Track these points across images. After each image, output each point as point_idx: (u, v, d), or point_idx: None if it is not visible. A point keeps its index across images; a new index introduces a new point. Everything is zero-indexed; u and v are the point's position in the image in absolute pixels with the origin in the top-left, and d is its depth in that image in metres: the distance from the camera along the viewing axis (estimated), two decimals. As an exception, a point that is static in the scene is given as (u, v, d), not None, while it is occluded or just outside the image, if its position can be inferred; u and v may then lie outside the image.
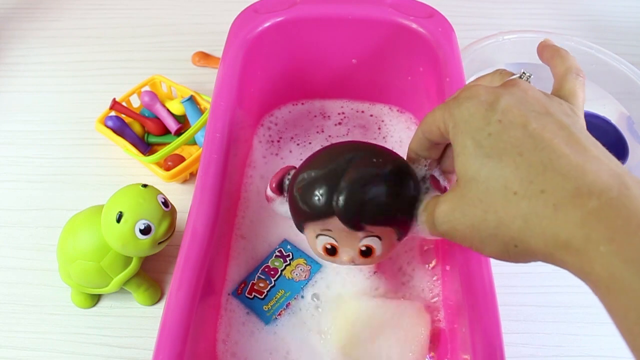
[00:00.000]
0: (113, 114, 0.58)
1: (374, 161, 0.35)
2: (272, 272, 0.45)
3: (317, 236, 0.37)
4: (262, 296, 0.44)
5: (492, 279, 0.35)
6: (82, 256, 0.44)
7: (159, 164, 0.54)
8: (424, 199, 0.35)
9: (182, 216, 0.44)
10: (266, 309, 0.44)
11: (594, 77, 0.61)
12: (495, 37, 0.61)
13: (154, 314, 0.48)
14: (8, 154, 0.60)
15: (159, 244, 0.43)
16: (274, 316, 0.43)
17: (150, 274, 0.49)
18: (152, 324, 0.46)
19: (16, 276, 0.50)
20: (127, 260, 0.45)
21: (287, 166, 0.40)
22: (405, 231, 0.36)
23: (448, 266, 0.43)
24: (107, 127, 0.56)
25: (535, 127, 0.26)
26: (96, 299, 0.48)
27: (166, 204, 0.44)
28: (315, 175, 0.35)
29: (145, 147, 0.58)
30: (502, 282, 0.36)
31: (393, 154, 0.37)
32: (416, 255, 0.46)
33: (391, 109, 0.57)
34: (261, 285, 0.45)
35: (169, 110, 0.58)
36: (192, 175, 0.56)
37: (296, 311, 0.44)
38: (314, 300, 0.44)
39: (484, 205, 0.27)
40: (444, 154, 0.36)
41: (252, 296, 0.44)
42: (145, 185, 0.43)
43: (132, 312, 0.48)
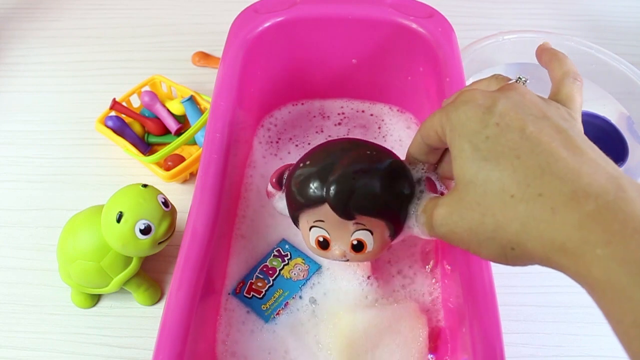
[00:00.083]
0: (113, 114, 0.58)
1: (367, 153, 0.36)
2: (271, 272, 0.45)
3: (310, 228, 0.37)
4: (261, 295, 0.44)
5: (492, 279, 0.35)
6: (82, 256, 0.44)
7: (159, 164, 0.54)
8: (418, 200, 0.35)
9: (182, 216, 0.44)
10: (264, 308, 0.44)
11: (594, 77, 0.61)
12: (495, 37, 0.61)
13: (154, 314, 0.48)
14: (8, 154, 0.60)
15: (159, 244, 0.43)
16: (272, 315, 0.43)
17: (150, 274, 0.49)
18: (152, 324, 0.46)
19: (16, 276, 0.50)
20: (127, 260, 0.45)
21: (287, 164, 0.40)
22: (397, 228, 0.36)
23: (448, 267, 0.43)
24: (107, 127, 0.56)
25: (532, 131, 0.26)
26: (96, 299, 0.48)
27: (166, 204, 0.44)
28: (311, 168, 0.36)
29: (145, 147, 0.58)
30: (502, 282, 0.36)
31: (389, 152, 0.38)
32: (416, 255, 0.46)
33: (391, 108, 0.57)
34: (259, 284, 0.45)
35: (169, 110, 0.58)
36: (192, 175, 0.56)
37: (294, 311, 0.44)
38: (311, 304, 0.44)
39: (481, 209, 0.27)
40: (442, 159, 0.36)
41: (251, 295, 0.44)
42: (145, 185, 0.43)
43: (132, 312, 0.48)
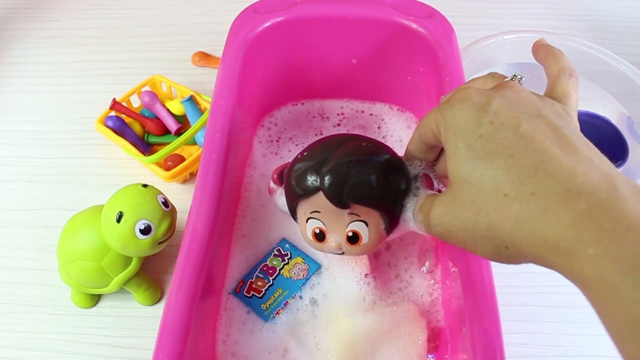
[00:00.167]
0: (113, 114, 0.58)
1: (363, 145, 0.37)
2: (271, 271, 0.45)
3: (307, 220, 0.38)
4: (260, 295, 0.44)
5: (492, 279, 0.35)
6: (82, 256, 0.44)
7: (159, 164, 0.54)
8: (415, 196, 0.36)
9: (182, 216, 0.44)
10: (264, 307, 0.44)
11: (594, 77, 0.61)
12: (495, 37, 0.61)
13: (154, 314, 0.48)
14: (8, 154, 0.60)
15: (159, 244, 0.43)
16: (272, 315, 0.43)
17: (150, 274, 0.49)
18: (152, 324, 0.46)
19: (16, 276, 0.50)
20: (127, 260, 0.45)
21: (289, 161, 0.41)
22: (392, 221, 0.36)
23: (448, 266, 0.43)
24: (107, 127, 0.56)
25: (526, 129, 0.26)
26: (96, 299, 0.48)
27: (166, 204, 0.44)
28: (308, 161, 0.37)
29: (145, 147, 0.58)
30: (502, 282, 0.36)
31: (386, 146, 0.38)
32: (416, 255, 0.46)
33: (391, 108, 0.57)
34: (259, 284, 0.45)
35: (169, 110, 0.58)
36: (192, 175, 0.56)
37: (294, 311, 0.44)
38: (312, 305, 0.44)
39: (475, 208, 0.27)
40: (439, 157, 0.36)
41: (251, 295, 0.44)
42: (145, 185, 0.43)
43: (132, 312, 0.48)
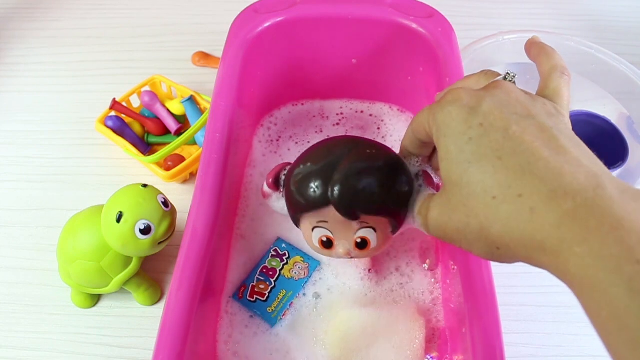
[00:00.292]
0: (113, 114, 0.58)
1: (368, 152, 0.36)
2: (271, 273, 0.45)
3: (313, 229, 0.37)
4: (264, 298, 0.44)
5: (492, 278, 0.35)
6: (82, 256, 0.44)
7: (159, 164, 0.54)
8: (418, 195, 0.35)
9: (182, 216, 0.44)
10: (270, 310, 0.43)
11: (594, 77, 0.61)
12: (495, 37, 0.61)
13: (154, 314, 0.48)
14: (8, 154, 0.60)
15: (159, 244, 0.43)
16: (279, 317, 0.43)
17: (150, 274, 0.49)
18: (152, 324, 0.46)
19: (16, 276, 0.50)
20: (127, 260, 0.45)
21: (283, 163, 0.40)
22: (399, 223, 0.36)
23: (448, 266, 0.43)
24: (107, 127, 0.56)
25: (515, 130, 0.26)
26: (96, 299, 0.48)
27: (166, 204, 0.44)
28: (311, 169, 0.36)
29: (145, 147, 0.58)
30: (502, 282, 0.36)
31: (387, 149, 0.38)
32: (416, 255, 0.46)
33: (391, 108, 0.57)
34: (261, 287, 0.45)
35: (169, 110, 0.58)
36: (192, 175, 0.56)
37: (298, 308, 0.44)
38: (315, 299, 0.44)
39: (467, 210, 0.27)
40: (434, 152, 0.36)
41: (254, 299, 0.44)
42: (145, 185, 0.43)
43: (132, 312, 0.48)
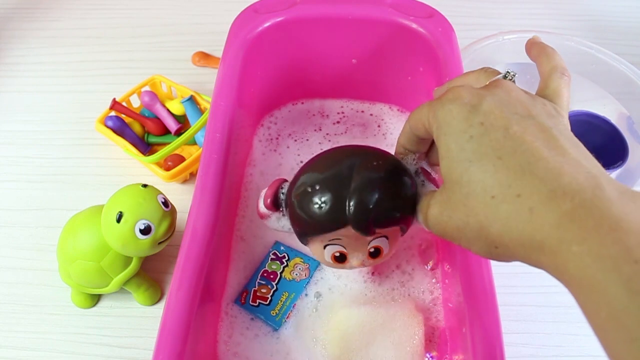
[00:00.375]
0: (113, 114, 0.58)
1: (374, 164, 0.35)
2: (272, 276, 0.45)
3: (325, 247, 0.36)
4: (267, 302, 0.44)
5: (492, 278, 0.35)
6: (82, 256, 0.44)
7: (159, 164, 0.54)
8: (421, 193, 0.35)
9: (182, 216, 0.44)
10: (274, 313, 0.43)
11: (594, 77, 0.61)
12: (495, 37, 0.61)
13: (154, 314, 0.48)
14: (8, 154, 0.60)
15: (159, 244, 0.43)
16: (284, 320, 0.43)
17: (150, 274, 0.49)
18: (152, 324, 0.46)
19: (16, 276, 0.50)
20: (127, 260, 0.45)
21: (279, 179, 0.38)
22: (408, 226, 0.36)
23: (448, 266, 0.43)
24: (107, 127, 0.56)
25: (516, 130, 0.26)
26: (96, 299, 0.48)
27: (166, 204, 0.44)
28: (320, 189, 0.34)
29: (145, 147, 0.58)
30: (502, 282, 0.36)
31: (387, 154, 0.37)
32: (416, 255, 0.46)
33: (391, 108, 0.57)
34: (263, 291, 0.44)
35: (169, 110, 0.58)
36: (192, 175, 0.56)
37: (299, 310, 0.44)
38: (316, 298, 0.44)
39: (466, 209, 0.27)
40: (431, 148, 0.36)
41: (257, 303, 0.44)
42: (145, 185, 0.43)
43: (132, 312, 0.48)
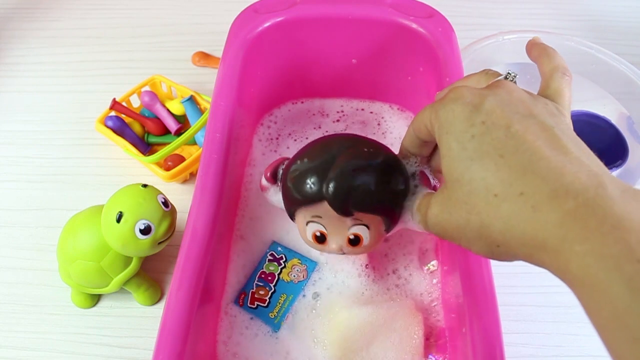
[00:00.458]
0: (113, 114, 0.58)
1: (364, 150, 0.36)
2: (270, 278, 0.45)
3: (307, 223, 0.37)
4: (265, 304, 0.44)
5: (492, 278, 0.35)
6: (82, 256, 0.44)
7: (159, 164, 0.54)
8: (413, 194, 0.35)
9: (182, 216, 0.44)
10: (272, 316, 0.43)
11: (594, 77, 0.61)
12: (495, 37, 0.61)
13: (154, 314, 0.48)
14: (8, 154, 0.59)
15: (159, 244, 0.43)
16: (282, 322, 0.43)
17: (150, 274, 0.49)
18: (152, 324, 0.46)
19: (16, 276, 0.50)
20: (127, 260, 0.45)
21: (281, 157, 0.40)
22: (393, 222, 0.36)
23: (448, 266, 0.43)
24: (107, 127, 0.56)
25: (517, 129, 0.26)
26: (96, 299, 0.48)
27: (166, 204, 0.44)
28: (308, 164, 0.36)
29: (145, 147, 0.58)
30: (502, 282, 0.36)
31: (385, 148, 0.38)
32: (416, 255, 0.46)
33: (391, 107, 0.57)
34: (261, 292, 0.44)
35: (169, 110, 0.58)
36: (192, 175, 0.56)
37: (298, 311, 0.44)
38: (314, 299, 0.44)
39: (467, 207, 0.27)
40: (434, 152, 0.36)
41: (255, 305, 0.44)
42: (145, 185, 0.43)
43: (132, 312, 0.48)
